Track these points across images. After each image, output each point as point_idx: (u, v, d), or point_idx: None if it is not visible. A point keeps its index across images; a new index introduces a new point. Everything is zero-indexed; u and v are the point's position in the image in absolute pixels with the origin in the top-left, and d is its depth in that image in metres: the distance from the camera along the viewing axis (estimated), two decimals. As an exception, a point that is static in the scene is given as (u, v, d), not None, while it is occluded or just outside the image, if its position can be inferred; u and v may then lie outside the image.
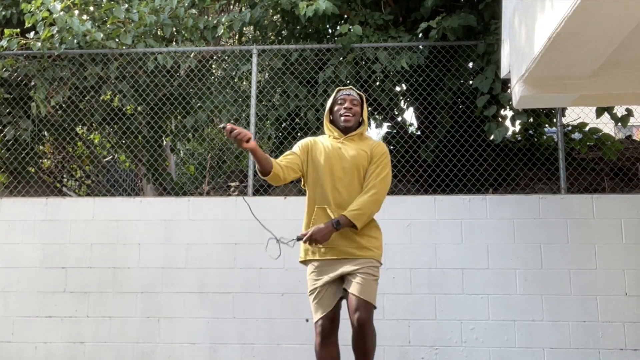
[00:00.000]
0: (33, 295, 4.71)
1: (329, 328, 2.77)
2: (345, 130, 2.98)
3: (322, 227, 2.77)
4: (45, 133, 6.08)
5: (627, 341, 4.30)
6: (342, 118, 2.96)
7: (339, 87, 3.09)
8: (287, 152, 2.98)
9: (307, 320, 4.47)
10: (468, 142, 5.12)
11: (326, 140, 3.01)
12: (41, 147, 6.54)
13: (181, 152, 9.46)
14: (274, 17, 6.40)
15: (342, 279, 2.84)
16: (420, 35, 5.42)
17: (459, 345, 4.40)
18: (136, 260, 4.71)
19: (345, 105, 2.96)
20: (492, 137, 5.01)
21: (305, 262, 2.95)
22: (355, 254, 2.82)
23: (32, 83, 5.52)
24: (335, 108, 3.01)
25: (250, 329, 4.53)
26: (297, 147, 3.00)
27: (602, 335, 4.32)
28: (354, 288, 2.74)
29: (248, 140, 2.62)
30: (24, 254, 4.79)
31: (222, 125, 2.62)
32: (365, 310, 2.70)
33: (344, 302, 2.87)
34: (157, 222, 4.76)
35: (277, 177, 2.81)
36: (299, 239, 2.81)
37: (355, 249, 2.83)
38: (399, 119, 6.29)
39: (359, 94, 3.03)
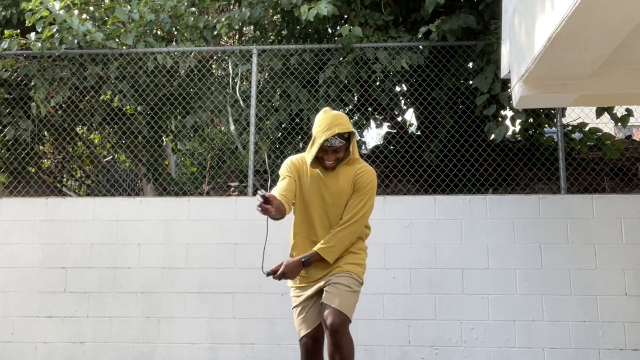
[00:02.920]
0: (33, 295, 4.71)
1: (312, 347, 2.72)
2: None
3: (292, 263, 2.72)
4: (45, 133, 6.08)
5: (627, 341, 4.30)
6: (326, 164, 2.79)
7: (325, 135, 2.69)
8: (281, 179, 2.84)
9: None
10: (468, 142, 5.12)
11: (309, 165, 2.84)
12: (41, 147, 6.54)
13: (181, 152, 9.46)
14: (274, 17, 6.40)
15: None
16: (420, 35, 5.42)
17: (459, 345, 4.40)
18: (136, 260, 4.71)
19: (327, 157, 2.76)
20: (492, 137, 5.00)
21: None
22: (331, 273, 2.77)
23: (32, 83, 5.52)
24: (317, 153, 2.76)
25: (250, 329, 4.53)
26: (287, 169, 2.85)
27: (602, 335, 4.32)
28: (326, 297, 2.68)
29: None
30: (24, 254, 4.79)
31: (261, 193, 2.47)
32: (337, 318, 2.60)
33: None
34: (157, 222, 4.76)
35: (289, 207, 2.76)
36: (268, 274, 2.77)
37: (327, 275, 2.78)
38: (399, 119, 6.29)
39: (344, 136, 2.74)
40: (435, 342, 4.42)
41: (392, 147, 5.90)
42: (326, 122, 2.73)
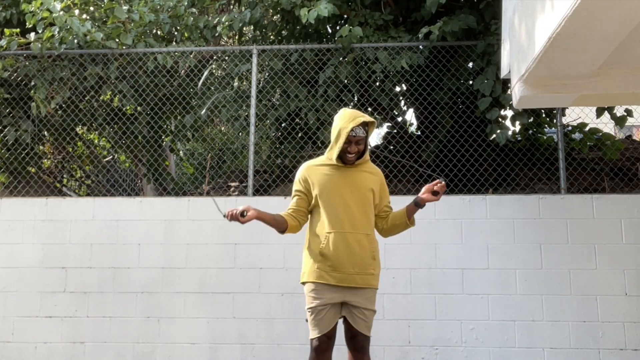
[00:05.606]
0: (33, 295, 4.71)
1: (326, 344, 2.88)
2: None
3: None
4: (45, 133, 6.08)
5: (627, 341, 4.30)
6: (347, 157, 2.90)
7: (351, 123, 2.83)
8: (293, 195, 3.02)
9: (306, 321, 4.46)
10: (468, 142, 5.12)
11: (326, 164, 2.96)
12: (41, 147, 6.54)
13: (181, 152, 9.46)
14: (274, 17, 6.40)
15: (342, 302, 2.92)
16: (420, 36, 5.43)
17: (459, 345, 4.40)
18: (136, 260, 4.71)
19: (350, 148, 2.87)
20: (493, 137, 5.00)
21: (304, 283, 3.00)
22: (358, 283, 2.87)
23: (32, 83, 5.52)
24: (343, 145, 2.86)
25: (250, 329, 4.53)
26: (297, 182, 2.99)
27: (602, 335, 4.32)
28: (358, 324, 2.86)
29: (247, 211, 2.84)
30: (24, 254, 4.79)
31: (224, 215, 2.86)
32: (367, 342, 2.88)
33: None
34: (157, 222, 4.76)
35: (294, 227, 2.99)
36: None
37: (357, 274, 2.87)
38: (399, 119, 6.29)
39: (366, 127, 2.88)
40: (435, 342, 4.42)
41: (392, 147, 5.90)
42: (349, 115, 2.87)
